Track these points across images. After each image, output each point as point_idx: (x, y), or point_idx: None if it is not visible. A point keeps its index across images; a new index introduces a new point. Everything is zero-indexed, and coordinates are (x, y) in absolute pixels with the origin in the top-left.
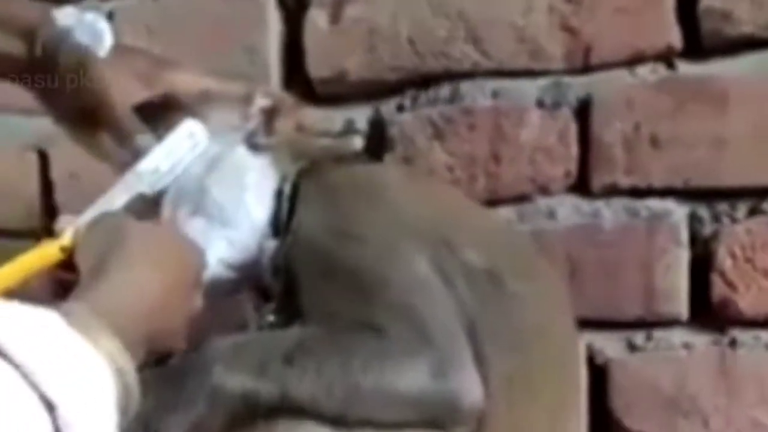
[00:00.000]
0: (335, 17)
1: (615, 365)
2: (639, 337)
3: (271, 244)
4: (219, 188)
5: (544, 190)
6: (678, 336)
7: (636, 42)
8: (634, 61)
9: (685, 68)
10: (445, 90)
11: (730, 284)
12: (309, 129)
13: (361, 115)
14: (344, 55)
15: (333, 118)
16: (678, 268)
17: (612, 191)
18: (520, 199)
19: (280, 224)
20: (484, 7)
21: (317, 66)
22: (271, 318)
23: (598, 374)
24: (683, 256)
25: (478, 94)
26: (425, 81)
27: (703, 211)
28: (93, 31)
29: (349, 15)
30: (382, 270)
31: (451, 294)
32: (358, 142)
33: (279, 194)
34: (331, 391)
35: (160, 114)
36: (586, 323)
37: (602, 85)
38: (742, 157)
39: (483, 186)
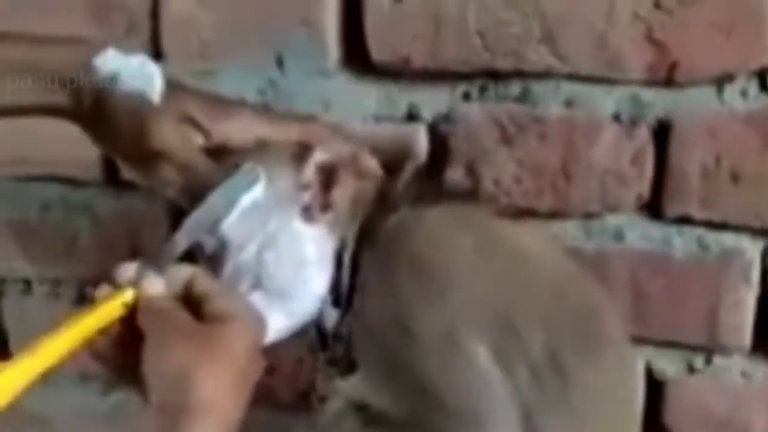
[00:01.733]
0: None
1: (673, 384)
2: (699, 360)
3: (332, 313)
4: (277, 264)
5: (614, 210)
6: (737, 364)
7: (727, 61)
8: (723, 80)
9: None
10: (515, 87)
11: None
12: (369, 175)
13: (425, 100)
14: (407, 40)
15: (396, 101)
16: (745, 306)
17: (685, 221)
18: (588, 216)
19: (341, 293)
20: (562, 6)
21: (378, 49)
22: (332, 371)
23: (655, 389)
24: (752, 295)
25: (550, 99)
26: (494, 76)
27: None
28: (142, 76)
29: None
30: (442, 370)
31: (511, 385)
32: (421, 134)
33: (338, 259)
34: None
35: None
36: (647, 341)
37: (685, 106)
38: None
39: (550, 201)
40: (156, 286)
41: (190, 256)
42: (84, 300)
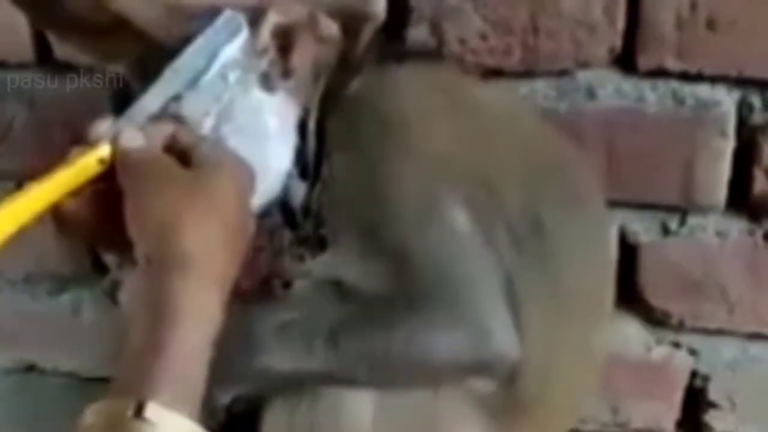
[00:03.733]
0: None
1: (647, 246)
2: (673, 221)
3: (300, 187)
4: (237, 138)
5: (585, 65)
6: (712, 223)
7: None
8: None
9: None
10: None
11: None
12: (329, 37)
13: None
14: None
15: None
16: (721, 160)
17: (659, 74)
18: (559, 73)
19: (308, 163)
20: None
21: None
22: (301, 251)
23: (629, 252)
24: (728, 148)
25: None
26: None
27: (755, 99)
28: None
29: None
30: (419, 236)
31: (491, 248)
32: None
33: (302, 127)
34: (374, 369)
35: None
36: (621, 204)
37: None
38: None
39: (519, 58)
40: (135, 139)
41: None
42: None
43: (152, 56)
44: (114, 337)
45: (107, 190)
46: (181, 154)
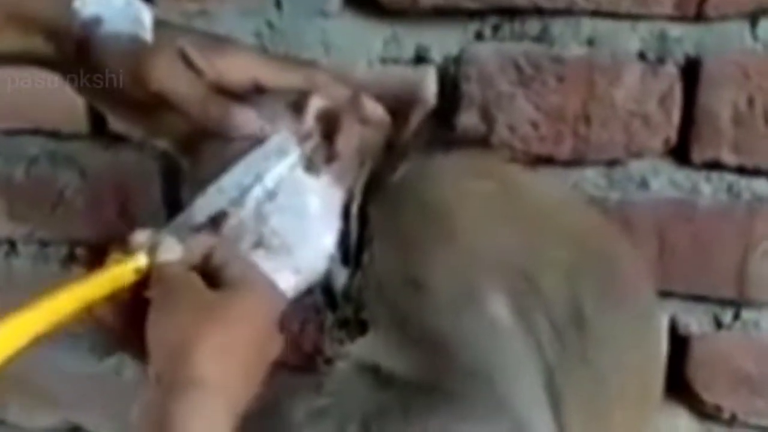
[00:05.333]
0: None
1: (698, 340)
2: (726, 315)
3: (342, 271)
4: (280, 218)
5: (638, 156)
6: (767, 318)
7: None
8: (757, 14)
9: None
10: (533, 25)
11: None
12: (373, 120)
13: (434, 41)
14: None
15: (403, 42)
16: None
17: (713, 166)
18: (611, 163)
19: (350, 249)
20: None
21: None
22: (341, 335)
23: (680, 344)
24: None
25: (570, 37)
26: (509, 13)
27: None
28: (128, 15)
29: None
30: (457, 325)
31: (531, 339)
32: (430, 77)
33: (346, 213)
34: None
35: None
36: (673, 295)
37: (716, 43)
38: None
39: (569, 147)
40: (172, 252)
41: None
42: (74, 261)
43: (197, 136)
44: None
45: (138, 298)
46: (214, 271)
